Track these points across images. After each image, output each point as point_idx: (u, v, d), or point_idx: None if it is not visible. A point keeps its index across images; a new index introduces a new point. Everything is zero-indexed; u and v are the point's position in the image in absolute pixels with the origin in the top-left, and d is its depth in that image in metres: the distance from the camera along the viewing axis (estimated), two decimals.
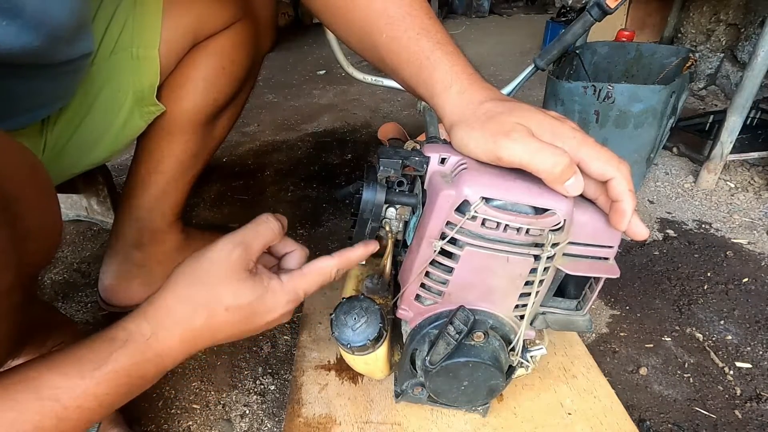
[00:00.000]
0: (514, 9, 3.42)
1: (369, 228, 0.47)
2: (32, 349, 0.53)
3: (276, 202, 1.13)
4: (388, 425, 0.57)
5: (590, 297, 0.47)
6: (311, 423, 0.58)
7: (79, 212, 1.05)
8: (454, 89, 0.42)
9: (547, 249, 0.39)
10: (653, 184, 1.16)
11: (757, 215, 1.03)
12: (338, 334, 0.46)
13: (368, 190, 0.44)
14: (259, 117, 1.65)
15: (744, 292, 0.83)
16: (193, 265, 0.40)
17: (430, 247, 0.42)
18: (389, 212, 0.46)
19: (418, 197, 0.45)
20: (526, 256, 0.41)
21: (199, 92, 0.68)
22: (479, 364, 0.45)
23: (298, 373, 0.64)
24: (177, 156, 0.72)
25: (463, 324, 0.42)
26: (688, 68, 1.03)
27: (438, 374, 0.46)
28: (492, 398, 0.52)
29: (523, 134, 0.37)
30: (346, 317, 0.46)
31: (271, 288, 0.42)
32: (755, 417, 0.63)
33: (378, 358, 0.50)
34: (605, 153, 0.38)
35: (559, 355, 0.66)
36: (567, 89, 0.97)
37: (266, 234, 0.43)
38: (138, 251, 0.77)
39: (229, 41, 0.67)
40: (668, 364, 0.71)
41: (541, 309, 0.48)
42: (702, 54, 1.69)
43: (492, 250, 0.40)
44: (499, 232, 0.39)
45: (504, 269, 0.42)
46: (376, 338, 0.46)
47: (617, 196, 0.38)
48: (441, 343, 0.43)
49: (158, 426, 0.64)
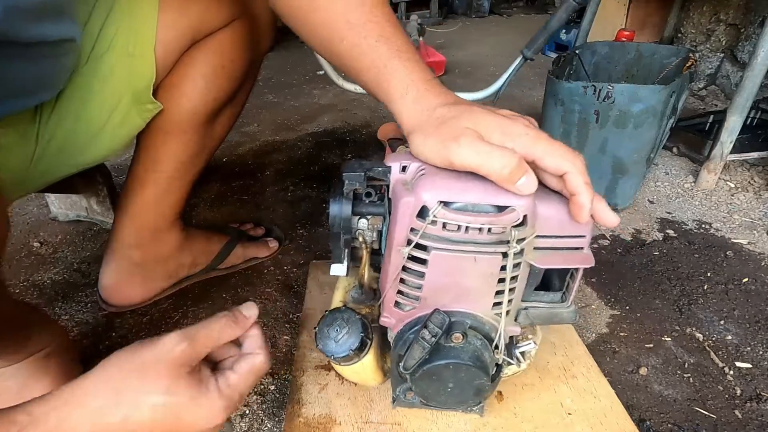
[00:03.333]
0: (514, 9, 3.42)
1: (342, 241, 0.48)
2: (11, 350, 0.52)
3: (276, 202, 1.13)
4: (388, 425, 0.57)
5: (573, 287, 0.47)
6: (311, 423, 0.58)
7: (80, 212, 1.05)
8: (410, 96, 0.43)
9: (513, 245, 0.40)
10: (653, 184, 1.16)
11: (757, 215, 1.03)
12: (322, 346, 0.47)
13: (334, 204, 0.46)
14: (259, 117, 1.65)
15: (744, 292, 0.83)
16: (133, 350, 0.37)
17: (400, 254, 0.43)
18: (361, 223, 0.48)
19: (386, 206, 0.46)
20: (493, 254, 0.41)
21: (198, 91, 0.67)
22: (460, 366, 0.45)
23: (298, 373, 0.64)
24: (176, 155, 0.72)
25: (438, 327, 0.43)
26: (688, 68, 1.03)
27: (422, 378, 0.46)
28: (481, 398, 0.52)
29: (471, 139, 0.38)
30: (329, 329, 0.47)
31: (208, 392, 0.37)
32: (755, 417, 0.63)
33: (365, 366, 0.51)
34: (559, 148, 0.39)
35: (559, 355, 0.66)
36: (567, 89, 0.97)
37: (217, 332, 0.40)
38: (137, 251, 0.77)
39: (228, 40, 0.67)
40: (668, 364, 0.71)
41: (524, 304, 0.49)
42: (702, 54, 1.69)
43: (458, 251, 0.41)
44: (462, 234, 0.40)
45: (474, 269, 0.42)
46: (358, 348, 0.46)
47: (574, 189, 0.39)
48: (416, 348, 0.44)
49: None
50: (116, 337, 0.77)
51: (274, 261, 0.93)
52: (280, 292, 0.86)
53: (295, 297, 0.85)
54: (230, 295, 0.85)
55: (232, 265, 0.89)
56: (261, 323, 0.46)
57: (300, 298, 0.83)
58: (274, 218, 1.07)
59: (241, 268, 0.91)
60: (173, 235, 0.79)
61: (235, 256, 0.88)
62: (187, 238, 0.82)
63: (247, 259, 0.91)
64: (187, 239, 0.82)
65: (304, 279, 0.87)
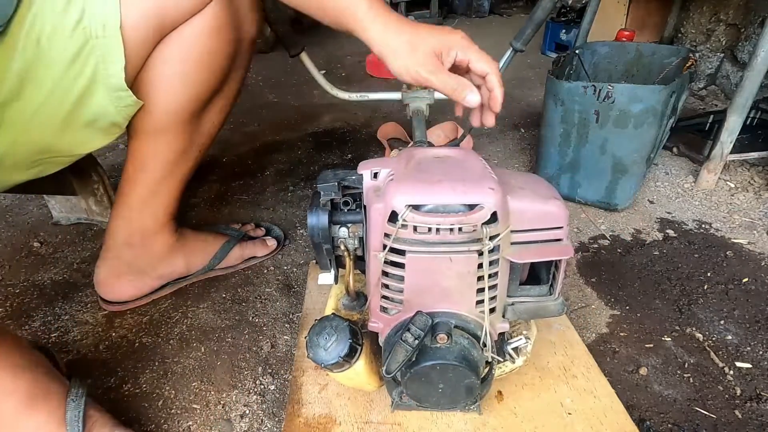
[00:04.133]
0: (514, 9, 3.42)
1: (324, 250, 0.49)
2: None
3: (276, 202, 1.13)
4: (388, 425, 0.57)
5: (558, 279, 0.47)
6: (311, 423, 0.58)
7: (80, 215, 1.05)
8: (378, 26, 0.54)
9: (486, 243, 0.40)
10: (653, 184, 1.16)
11: (757, 215, 1.03)
12: (312, 355, 0.47)
13: (311, 215, 0.47)
14: (259, 117, 1.65)
15: (744, 292, 0.83)
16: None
17: (378, 260, 0.43)
18: (341, 232, 0.49)
19: (363, 213, 0.47)
20: (467, 253, 0.41)
21: (177, 89, 0.64)
22: (446, 366, 0.44)
23: (298, 373, 0.64)
24: (162, 155, 0.70)
25: (421, 329, 0.43)
26: (688, 68, 1.03)
27: (411, 381, 0.46)
28: (474, 397, 0.51)
29: (434, 66, 0.54)
30: (318, 338, 0.47)
31: None
32: (755, 417, 0.63)
33: (358, 373, 0.51)
34: (483, 55, 0.56)
35: (559, 355, 0.66)
36: (567, 89, 0.97)
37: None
38: (129, 250, 0.77)
39: (203, 29, 0.61)
40: (668, 364, 0.71)
41: (510, 300, 0.48)
42: (702, 54, 1.69)
43: (433, 253, 0.41)
44: (434, 235, 0.40)
45: (451, 269, 0.43)
46: (347, 354, 0.46)
47: (492, 87, 0.56)
48: (398, 351, 0.43)
49: (158, 426, 0.64)
50: (116, 338, 0.77)
51: (274, 261, 0.93)
52: (280, 292, 0.86)
53: (295, 297, 0.85)
54: (230, 295, 0.85)
55: (232, 265, 0.89)
56: None
57: (300, 298, 0.83)
58: (274, 218, 1.07)
59: (240, 268, 0.91)
60: (164, 237, 0.79)
61: (234, 256, 0.88)
62: (180, 241, 0.82)
63: (245, 258, 0.91)
64: (180, 241, 0.82)
65: (304, 279, 0.87)
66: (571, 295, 0.84)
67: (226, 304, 0.83)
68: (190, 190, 1.20)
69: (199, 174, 1.27)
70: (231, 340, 0.76)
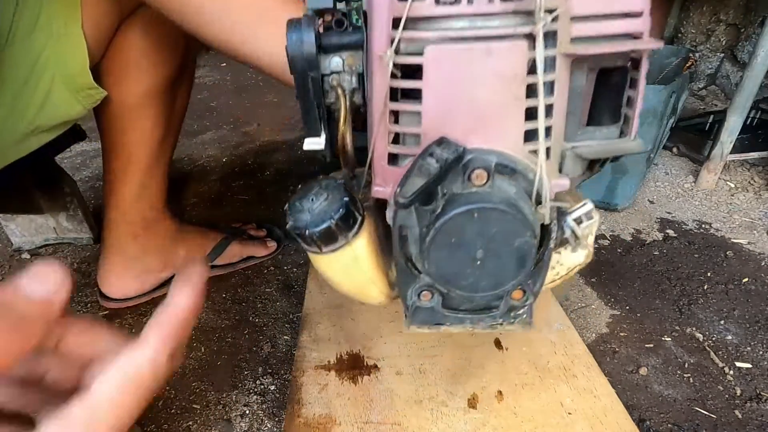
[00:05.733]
0: None
1: (312, 90, 0.34)
2: None
3: (276, 202, 1.13)
4: (388, 425, 0.57)
5: (633, 115, 0.35)
6: (311, 423, 0.58)
7: (47, 236, 0.97)
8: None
9: (539, 17, 0.26)
10: (653, 184, 1.16)
11: (757, 215, 1.03)
12: (293, 222, 0.33)
13: (291, 32, 0.32)
14: (259, 117, 1.65)
15: (744, 292, 0.83)
16: None
17: (384, 70, 0.29)
18: (334, 63, 0.34)
19: (363, 33, 0.33)
20: (513, 39, 0.27)
21: (147, 71, 0.65)
22: (489, 212, 0.29)
23: (298, 373, 0.64)
24: (146, 141, 0.71)
25: (448, 153, 0.28)
26: (688, 68, 1.03)
27: (437, 246, 0.30)
28: (528, 268, 0.31)
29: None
30: (302, 201, 0.34)
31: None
32: (755, 417, 0.63)
33: (359, 257, 0.35)
34: None
35: (559, 354, 0.66)
36: None
37: None
38: (133, 244, 0.78)
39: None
40: (668, 364, 0.71)
41: (569, 145, 0.34)
42: (702, 54, 1.69)
43: (463, 40, 0.28)
44: (463, 6, 0.27)
45: (490, 70, 0.28)
46: (342, 218, 0.32)
47: None
48: (416, 173, 0.29)
49: (158, 426, 0.64)
50: None
51: (274, 261, 0.93)
52: (280, 292, 0.86)
53: (295, 297, 0.85)
54: (230, 295, 0.85)
55: (230, 263, 0.89)
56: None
57: (300, 298, 0.83)
58: (274, 218, 1.07)
59: (239, 267, 0.91)
60: (166, 223, 0.81)
61: (232, 252, 0.88)
62: (180, 230, 0.83)
63: (244, 257, 0.91)
64: (181, 231, 0.84)
65: (304, 279, 0.87)
66: (571, 295, 0.84)
67: (226, 304, 0.83)
68: (190, 190, 1.20)
69: (199, 174, 1.28)
70: (231, 340, 0.76)
